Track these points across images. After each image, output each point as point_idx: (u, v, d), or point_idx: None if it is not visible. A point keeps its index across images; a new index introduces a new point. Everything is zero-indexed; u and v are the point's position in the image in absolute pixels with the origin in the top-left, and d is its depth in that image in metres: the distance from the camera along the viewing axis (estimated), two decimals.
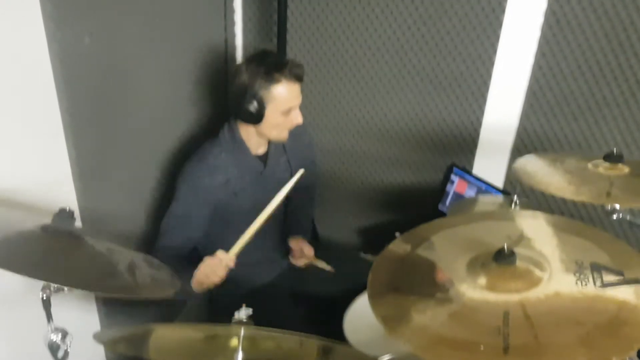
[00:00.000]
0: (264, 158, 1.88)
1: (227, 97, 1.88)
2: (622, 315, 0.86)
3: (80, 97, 1.46)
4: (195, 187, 1.76)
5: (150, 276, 1.21)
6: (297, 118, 1.77)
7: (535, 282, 0.95)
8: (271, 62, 1.70)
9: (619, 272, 0.94)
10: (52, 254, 1.05)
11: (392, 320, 0.94)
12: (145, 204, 1.91)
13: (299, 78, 1.72)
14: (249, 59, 1.75)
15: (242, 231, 1.83)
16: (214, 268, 1.63)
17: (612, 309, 0.87)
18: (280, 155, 1.94)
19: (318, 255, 2.02)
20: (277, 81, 1.68)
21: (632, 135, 1.94)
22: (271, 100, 1.70)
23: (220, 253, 1.63)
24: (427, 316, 0.93)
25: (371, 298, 0.99)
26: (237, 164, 1.81)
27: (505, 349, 0.82)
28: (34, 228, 1.10)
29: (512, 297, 0.92)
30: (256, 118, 1.72)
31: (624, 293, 0.91)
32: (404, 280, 1.05)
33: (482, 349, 0.83)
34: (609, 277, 0.94)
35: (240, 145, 1.81)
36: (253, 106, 1.69)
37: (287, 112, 1.74)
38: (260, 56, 1.74)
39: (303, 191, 2.04)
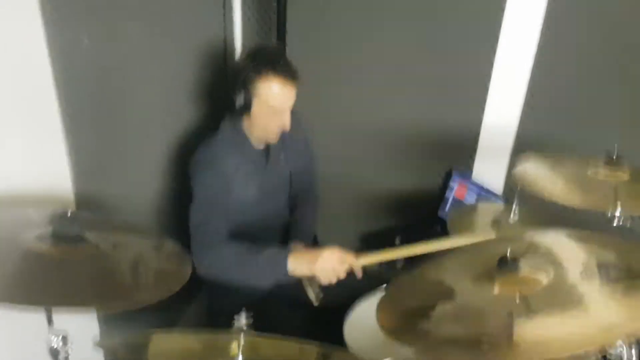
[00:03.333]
0: (266, 152, 1.87)
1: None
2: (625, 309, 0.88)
3: (79, 98, 1.45)
4: (213, 169, 1.73)
5: (155, 271, 1.20)
6: (283, 122, 1.73)
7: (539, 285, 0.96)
8: (264, 56, 1.69)
9: (625, 270, 0.97)
10: (51, 270, 1.03)
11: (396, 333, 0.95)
12: (144, 204, 1.90)
13: (287, 79, 1.67)
14: (250, 49, 1.75)
15: (245, 224, 1.81)
16: (336, 266, 1.59)
17: (612, 304, 0.90)
18: (280, 151, 1.92)
19: None
20: (263, 77, 1.66)
21: (631, 136, 1.94)
22: (256, 95, 1.69)
23: (349, 257, 1.60)
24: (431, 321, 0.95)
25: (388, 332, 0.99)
26: (241, 154, 1.80)
27: (509, 343, 0.84)
28: (33, 237, 1.08)
29: (515, 300, 0.94)
30: (244, 108, 1.72)
31: (628, 287, 0.92)
32: (412, 301, 1.06)
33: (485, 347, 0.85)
34: (614, 275, 0.96)
35: (242, 137, 1.80)
36: (241, 96, 1.70)
37: (273, 112, 1.71)
38: (258, 49, 1.74)
39: (303, 194, 2.03)
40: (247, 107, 1.71)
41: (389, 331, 0.95)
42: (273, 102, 1.69)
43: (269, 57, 1.69)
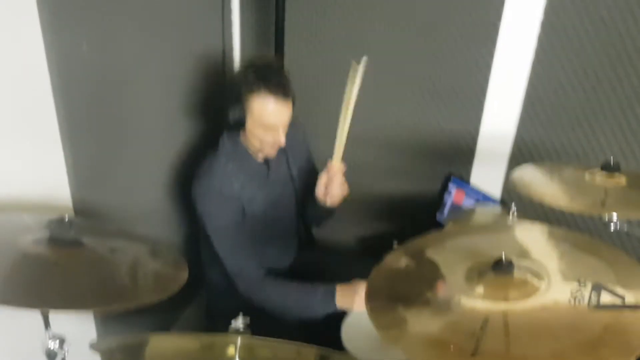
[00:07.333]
0: (266, 162, 1.86)
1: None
2: (606, 337, 0.83)
3: (77, 104, 1.46)
4: (222, 196, 1.72)
5: (153, 273, 1.20)
6: (277, 138, 1.71)
7: (528, 294, 0.94)
8: (257, 71, 1.65)
9: (620, 297, 0.91)
10: (49, 272, 1.03)
11: (389, 328, 0.94)
12: (141, 212, 1.90)
13: (280, 96, 1.65)
14: (245, 62, 1.74)
15: (259, 240, 1.82)
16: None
17: (597, 329, 0.85)
18: (281, 156, 1.91)
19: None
20: (256, 92, 1.64)
21: (629, 144, 1.95)
22: (249, 111, 1.67)
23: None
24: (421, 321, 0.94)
25: (369, 307, 0.98)
26: (244, 171, 1.78)
27: (474, 353, 0.82)
28: (31, 241, 1.09)
29: (499, 306, 0.92)
30: (239, 123, 1.71)
31: (616, 316, 0.88)
32: (401, 289, 1.05)
33: (451, 349, 0.84)
34: (607, 299, 0.91)
35: (243, 152, 1.79)
36: (236, 111, 1.69)
37: (267, 129, 1.68)
38: (252, 63, 1.71)
39: (310, 191, 2.02)
40: (241, 122, 1.70)
41: (370, 309, 0.95)
42: (266, 119, 1.66)
43: (262, 73, 1.65)
